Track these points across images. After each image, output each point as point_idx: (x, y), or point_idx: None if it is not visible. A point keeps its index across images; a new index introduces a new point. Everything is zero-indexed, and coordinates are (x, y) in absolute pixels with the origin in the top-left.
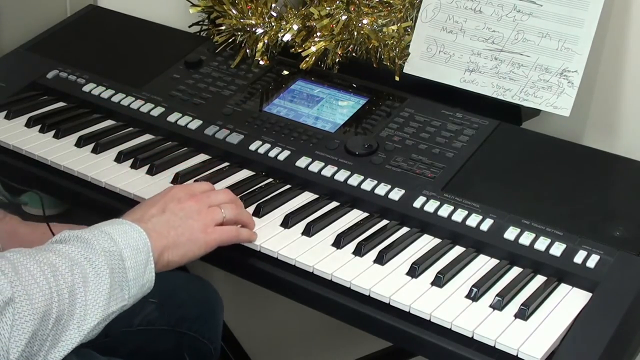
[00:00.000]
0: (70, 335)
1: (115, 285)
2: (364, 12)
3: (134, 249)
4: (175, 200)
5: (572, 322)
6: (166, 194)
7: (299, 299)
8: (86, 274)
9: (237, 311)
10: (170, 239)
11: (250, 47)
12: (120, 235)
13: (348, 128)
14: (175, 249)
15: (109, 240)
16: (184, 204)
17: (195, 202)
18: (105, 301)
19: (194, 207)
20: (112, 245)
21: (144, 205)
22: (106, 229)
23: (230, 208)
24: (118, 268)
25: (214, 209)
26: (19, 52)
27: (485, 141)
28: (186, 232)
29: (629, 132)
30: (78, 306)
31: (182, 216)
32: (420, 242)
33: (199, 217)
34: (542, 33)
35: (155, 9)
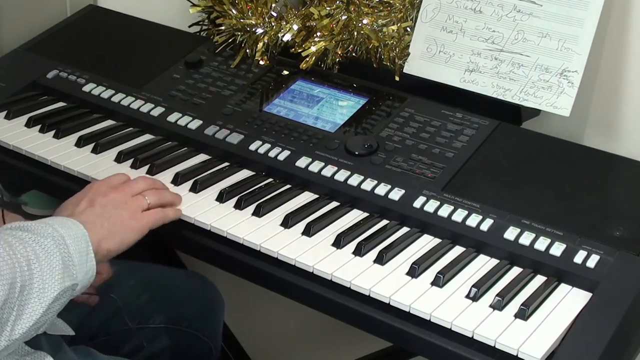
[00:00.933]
0: (33, 306)
1: (65, 264)
2: (364, 12)
3: (74, 237)
4: (100, 194)
5: (572, 322)
6: (89, 191)
7: (299, 299)
8: (37, 252)
9: (237, 311)
10: (104, 230)
11: (250, 47)
12: (60, 225)
13: (348, 128)
14: (111, 238)
15: (50, 229)
16: (109, 196)
17: (118, 193)
18: (60, 275)
19: (119, 198)
20: (55, 232)
21: (70, 204)
22: (47, 221)
23: (152, 193)
24: (64, 252)
25: (138, 197)
26: (19, 52)
27: (485, 141)
28: (118, 221)
29: (629, 132)
30: (36, 278)
31: (111, 207)
32: (420, 242)
33: (126, 206)
34: (542, 33)
35: (155, 9)
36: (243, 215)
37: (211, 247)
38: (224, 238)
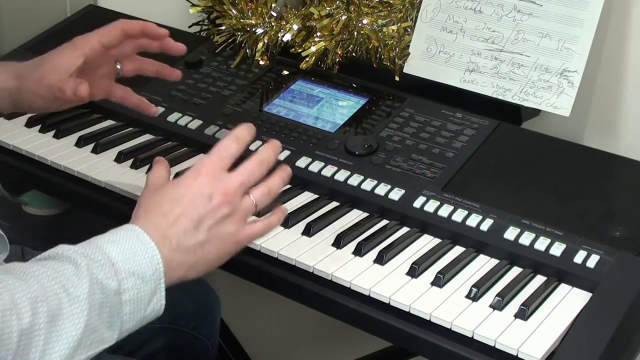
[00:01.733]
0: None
1: (91, 330)
2: (364, 12)
3: (140, 278)
4: (207, 204)
5: (572, 322)
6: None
7: (299, 299)
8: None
9: (237, 311)
10: (194, 259)
11: (250, 47)
12: (126, 261)
13: (348, 128)
14: (196, 268)
15: (108, 268)
16: (217, 211)
17: (227, 202)
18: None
19: (226, 210)
20: (111, 277)
21: (175, 206)
22: (110, 251)
23: (261, 192)
24: (109, 304)
25: (245, 202)
26: (19, 52)
27: (485, 141)
28: (214, 249)
29: (629, 132)
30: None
31: (215, 233)
32: (420, 242)
33: (231, 221)
34: (542, 33)
35: (155, 9)
36: None
37: None
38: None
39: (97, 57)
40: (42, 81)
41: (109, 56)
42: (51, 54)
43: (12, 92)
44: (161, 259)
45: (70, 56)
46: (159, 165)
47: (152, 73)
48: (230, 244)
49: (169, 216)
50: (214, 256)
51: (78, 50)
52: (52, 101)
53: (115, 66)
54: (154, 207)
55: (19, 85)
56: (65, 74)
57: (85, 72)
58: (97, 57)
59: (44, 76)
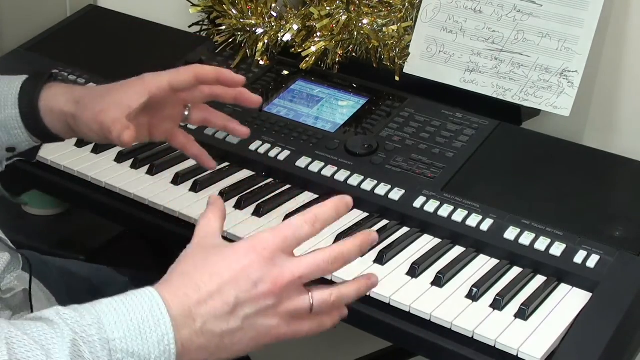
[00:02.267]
0: None
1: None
2: (364, 12)
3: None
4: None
5: (572, 322)
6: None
7: None
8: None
9: None
10: (218, 347)
11: (250, 47)
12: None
13: (348, 128)
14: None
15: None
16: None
17: (275, 293)
18: None
19: (270, 302)
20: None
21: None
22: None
23: (324, 299)
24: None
25: (299, 300)
26: (19, 52)
27: (485, 141)
28: (245, 340)
29: (629, 132)
30: None
31: (252, 315)
32: (420, 242)
33: (274, 314)
34: (542, 33)
35: (155, 9)
36: (243, 215)
37: None
38: (224, 238)
39: (164, 97)
40: (98, 116)
41: (178, 99)
42: (116, 86)
43: (68, 117)
44: (174, 341)
45: (135, 93)
46: (213, 210)
47: (220, 127)
48: (268, 338)
49: (202, 291)
50: (242, 348)
51: (145, 87)
52: (102, 138)
53: (184, 112)
54: (192, 273)
55: (76, 113)
56: (126, 111)
57: (151, 110)
58: (165, 97)
59: (102, 112)
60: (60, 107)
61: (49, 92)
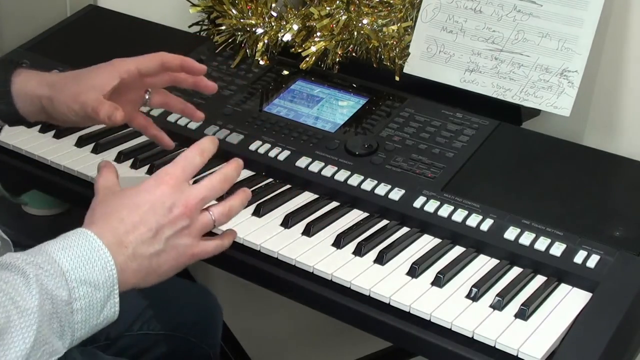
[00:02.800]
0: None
1: (41, 342)
2: (364, 12)
3: (93, 286)
4: (169, 218)
5: (572, 322)
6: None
7: (299, 299)
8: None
9: (237, 311)
10: (149, 269)
11: (250, 47)
12: (76, 269)
13: (348, 128)
14: (150, 277)
15: (58, 278)
16: (176, 223)
17: (186, 214)
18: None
19: (184, 222)
20: (60, 287)
21: (134, 213)
22: (60, 258)
23: (220, 211)
24: (59, 314)
25: (204, 217)
26: (19, 52)
27: (485, 141)
28: (170, 260)
29: (629, 132)
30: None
31: (171, 241)
32: (420, 242)
33: (187, 233)
34: (542, 33)
35: (155, 9)
36: (243, 215)
37: None
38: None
39: (131, 81)
40: (78, 97)
41: (142, 84)
42: (88, 71)
43: (44, 100)
44: (115, 266)
45: (107, 76)
46: (107, 170)
47: (178, 111)
48: (185, 257)
49: (126, 222)
50: (168, 267)
51: (115, 71)
52: (84, 118)
53: (145, 95)
54: (111, 211)
55: (52, 95)
56: (101, 93)
57: (114, 94)
58: (131, 81)
59: (81, 93)
60: (33, 90)
61: (20, 77)
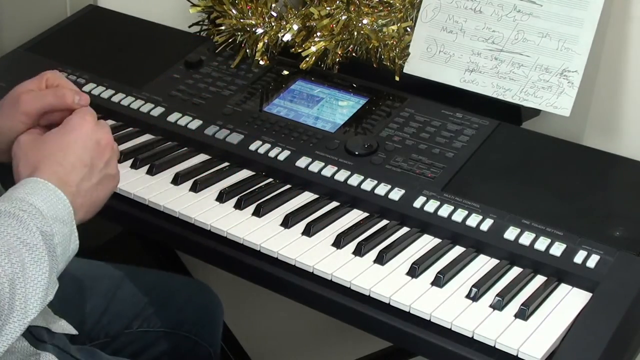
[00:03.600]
0: (12, 328)
1: (52, 270)
2: (364, 12)
3: (61, 221)
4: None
5: (572, 322)
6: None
7: (299, 299)
8: (24, 261)
9: (237, 311)
10: (91, 200)
11: (250, 47)
12: (48, 208)
13: (348, 128)
14: (92, 209)
15: (40, 217)
16: (104, 149)
17: (111, 145)
18: (44, 291)
19: (110, 152)
20: (44, 224)
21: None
22: (34, 202)
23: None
24: (52, 251)
25: (115, 147)
26: (19, 52)
27: (485, 141)
28: (105, 189)
29: (629, 132)
30: (18, 298)
31: (103, 167)
32: (420, 242)
33: (113, 162)
34: (542, 33)
35: (155, 9)
36: (243, 215)
37: (211, 247)
38: (224, 238)
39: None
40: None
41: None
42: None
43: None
44: (69, 203)
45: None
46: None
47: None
48: (114, 184)
49: (64, 164)
50: (103, 196)
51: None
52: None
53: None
54: (45, 156)
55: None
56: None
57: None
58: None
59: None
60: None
61: None
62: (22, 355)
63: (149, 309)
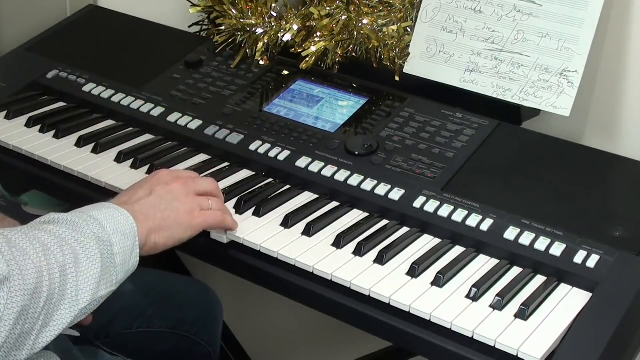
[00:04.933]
0: (63, 314)
1: (105, 270)
2: (364, 12)
3: (122, 234)
4: (162, 183)
5: (572, 322)
6: (153, 177)
7: (299, 299)
8: (77, 254)
9: (237, 311)
10: (156, 222)
11: (250, 47)
12: (108, 220)
13: (348, 128)
14: (162, 232)
15: (97, 225)
16: (171, 186)
17: (181, 185)
18: (95, 284)
19: (181, 191)
20: (101, 231)
21: (131, 189)
22: (94, 214)
23: (217, 201)
24: (107, 253)
25: (201, 197)
26: (19, 52)
27: (485, 141)
28: (172, 215)
29: (629, 132)
30: (69, 286)
31: (169, 199)
32: (420, 242)
33: (185, 200)
34: (542, 33)
35: (155, 9)
36: (243, 215)
37: (211, 247)
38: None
39: None
40: None
41: None
42: None
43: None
44: (132, 216)
45: None
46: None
47: None
48: (185, 218)
49: (131, 193)
50: (172, 223)
51: None
52: None
53: None
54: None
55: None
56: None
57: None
58: None
59: None
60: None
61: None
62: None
63: (149, 309)
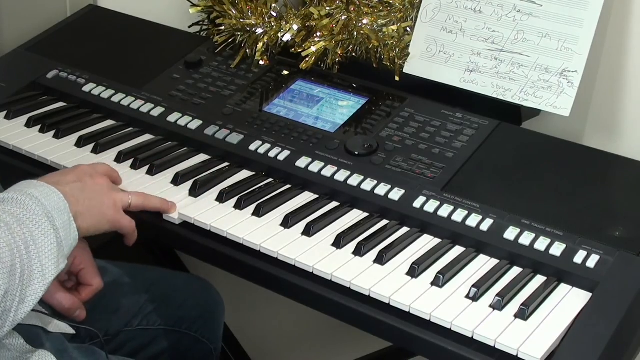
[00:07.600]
0: (35, 289)
1: (59, 243)
2: (364, 12)
3: (58, 210)
4: (88, 175)
5: (572, 322)
6: (78, 168)
7: (299, 299)
8: (32, 231)
9: (237, 311)
10: (84, 207)
11: (250, 47)
12: (45, 197)
13: (348, 128)
14: (87, 218)
15: (38, 203)
16: (97, 180)
17: (105, 182)
18: (55, 257)
19: (105, 186)
20: (43, 208)
21: (59, 173)
22: (32, 192)
23: (137, 195)
24: (54, 228)
25: (123, 193)
26: (19, 52)
27: (485, 141)
28: (97, 205)
29: (629, 132)
30: (35, 261)
31: (96, 190)
32: (420, 242)
33: (109, 194)
34: (542, 33)
35: (155, 9)
36: (243, 215)
37: (211, 247)
38: (224, 238)
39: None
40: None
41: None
42: None
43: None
44: (63, 196)
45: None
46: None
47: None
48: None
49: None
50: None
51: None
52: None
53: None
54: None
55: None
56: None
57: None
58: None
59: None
60: None
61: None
62: (19, 353)
63: (149, 306)
